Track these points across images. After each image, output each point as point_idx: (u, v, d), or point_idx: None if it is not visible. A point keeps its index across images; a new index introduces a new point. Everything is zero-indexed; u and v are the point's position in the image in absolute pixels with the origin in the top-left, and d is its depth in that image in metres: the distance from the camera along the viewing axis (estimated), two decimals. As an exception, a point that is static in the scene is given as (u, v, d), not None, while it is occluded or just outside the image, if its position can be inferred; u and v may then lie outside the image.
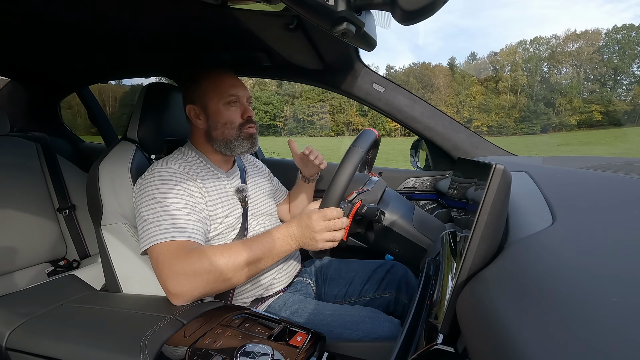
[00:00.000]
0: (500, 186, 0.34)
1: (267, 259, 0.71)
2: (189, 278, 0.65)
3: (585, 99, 52.11)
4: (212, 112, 0.85)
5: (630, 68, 49.18)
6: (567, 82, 54.60)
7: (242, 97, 0.87)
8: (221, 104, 0.84)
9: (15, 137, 1.39)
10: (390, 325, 0.76)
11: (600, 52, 57.06)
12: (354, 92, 1.18)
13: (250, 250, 0.69)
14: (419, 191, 1.29)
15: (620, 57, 53.43)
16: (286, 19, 0.73)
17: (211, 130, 0.86)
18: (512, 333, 0.23)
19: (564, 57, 60.54)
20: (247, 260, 0.68)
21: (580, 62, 58.08)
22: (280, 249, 0.71)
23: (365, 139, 0.75)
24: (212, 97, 0.84)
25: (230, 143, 0.86)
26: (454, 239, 0.51)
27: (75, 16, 0.82)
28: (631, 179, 0.50)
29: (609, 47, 56.31)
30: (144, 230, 0.71)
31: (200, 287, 0.66)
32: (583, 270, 0.26)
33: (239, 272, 0.68)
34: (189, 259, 0.66)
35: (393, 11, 0.42)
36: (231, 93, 0.85)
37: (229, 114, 0.85)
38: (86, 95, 1.83)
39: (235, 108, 0.86)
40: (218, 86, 0.85)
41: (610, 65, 54.76)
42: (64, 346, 0.61)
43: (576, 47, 60.78)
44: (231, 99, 0.85)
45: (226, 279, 0.67)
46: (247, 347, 0.55)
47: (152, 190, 0.74)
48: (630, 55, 52.91)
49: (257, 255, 0.69)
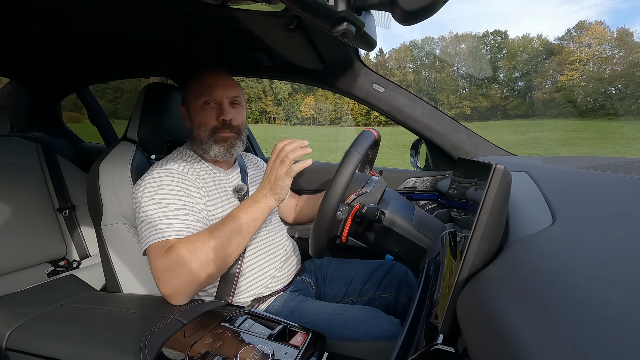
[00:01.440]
0: (501, 186, 0.34)
1: (245, 225, 0.73)
2: (174, 273, 0.66)
3: (460, 95, 57.60)
4: (192, 112, 0.85)
5: (496, 70, 51.82)
6: (446, 79, 58.98)
7: (220, 98, 0.83)
8: (198, 105, 0.84)
9: (15, 137, 1.39)
10: (390, 324, 0.76)
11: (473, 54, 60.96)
12: (354, 92, 1.18)
13: (223, 225, 0.72)
14: (419, 191, 1.28)
15: (490, 60, 57.31)
16: (286, 19, 0.73)
17: (192, 130, 0.87)
18: (512, 333, 0.23)
19: (445, 57, 63.86)
20: (227, 234, 0.71)
21: (457, 62, 63.42)
22: (256, 211, 0.75)
23: (364, 140, 0.75)
24: (192, 98, 0.85)
25: (202, 145, 0.84)
26: (454, 239, 0.51)
27: (75, 16, 0.82)
28: (631, 179, 0.51)
29: (478, 50, 59.82)
30: (142, 231, 0.72)
31: (190, 279, 0.67)
32: (583, 270, 0.26)
33: (222, 249, 0.70)
34: (168, 255, 0.67)
35: (393, 11, 0.42)
36: (206, 94, 0.83)
37: (203, 115, 0.83)
38: (86, 95, 1.83)
39: (211, 110, 0.83)
40: (197, 86, 0.84)
41: (478, 67, 58.43)
42: (64, 346, 0.61)
43: (458, 48, 66.14)
44: (205, 100, 0.83)
45: (210, 261, 0.69)
46: (248, 348, 0.55)
47: (151, 191, 0.74)
48: (493, 59, 56.44)
49: (235, 225, 0.72)
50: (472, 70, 63.03)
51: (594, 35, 28.27)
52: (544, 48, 32.54)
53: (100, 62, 1.30)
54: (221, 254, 0.70)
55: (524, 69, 27.82)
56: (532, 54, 29.71)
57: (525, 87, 25.62)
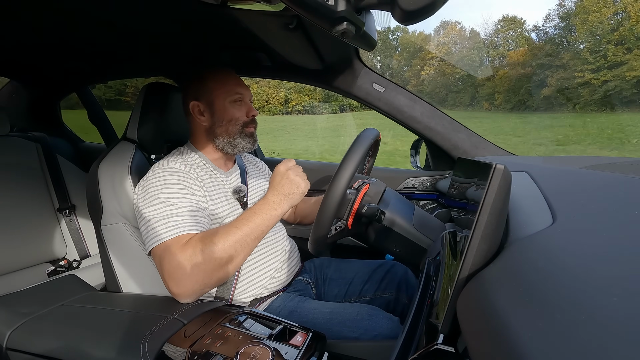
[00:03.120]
0: (501, 186, 0.34)
1: (258, 231, 0.74)
2: (187, 271, 0.66)
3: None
4: (218, 108, 0.86)
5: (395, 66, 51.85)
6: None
7: (246, 96, 0.89)
8: (227, 102, 0.86)
9: (15, 137, 1.39)
10: (389, 322, 0.76)
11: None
12: (354, 92, 1.18)
13: (237, 228, 0.72)
14: (419, 191, 1.28)
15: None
16: (286, 19, 0.73)
17: (215, 127, 0.87)
18: (512, 333, 0.23)
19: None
20: (241, 237, 0.71)
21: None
22: (270, 216, 0.75)
23: (367, 137, 0.75)
24: (218, 95, 0.86)
25: (234, 139, 0.87)
26: (454, 239, 0.51)
27: (75, 16, 0.82)
28: (631, 179, 0.50)
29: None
30: (150, 230, 0.71)
31: (202, 279, 0.67)
32: (583, 271, 0.26)
33: (236, 252, 0.70)
34: (183, 252, 0.67)
35: (393, 11, 0.42)
36: (237, 91, 0.87)
37: (234, 111, 0.87)
38: (86, 95, 1.83)
39: (240, 106, 0.88)
40: (225, 84, 0.87)
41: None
42: (64, 346, 0.61)
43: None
44: (237, 97, 0.87)
45: (224, 263, 0.69)
46: (248, 347, 0.55)
47: (155, 190, 0.74)
48: (391, 54, 55.88)
49: (249, 229, 0.72)
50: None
51: (450, 34, 30.08)
52: (419, 44, 33.79)
53: (100, 62, 1.30)
54: (233, 257, 0.70)
55: (407, 64, 29.69)
56: (411, 51, 30.90)
57: (402, 81, 27.64)
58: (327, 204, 0.70)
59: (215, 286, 0.73)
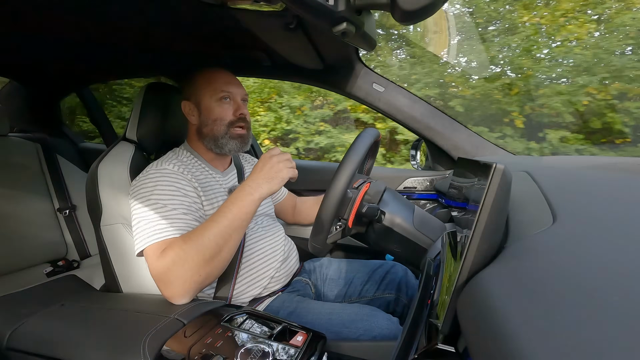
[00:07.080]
0: (501, 186, 0.34)
1: (238, 220, 0.71)
2: (173, 273, 0.66)
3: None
4: (204, 108, 0.85)
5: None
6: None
7: (235, 94, 0.87)
8: (213, 100, 0.85)
9: (15, 138, 1.39)
10: (388, 322, 0.76)
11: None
12: (354, 92, 1.18)
13: (215, 221, 0.69)
14: (419, 191, 1.28)
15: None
16: (286, 19, 0.73)
17: (202, 126, 0.86)
18: (512, 333, 0.23)
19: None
20: (220, 230, 0.68)
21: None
22: (247, 203, 0.71)
23: (367, 137, 0.75)
24: (205, 93, 0.85)
25: (218, 140, 0.85)
26: (454, 239, 0.51)
27: (75, 16, 0.82)
28: (631, 179, 0.50)
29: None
30: (138, 232, 0.71)
31: (188, 278, 0.66)
32: (584, 270, 0.26)
33: (217, 246, 0.68)
34: (164, 255, 0.66)
35: (393, 11, 0.42)
36: (224, 89, 0.85)
37: (220, 110, 0.85)
38: (86, 95, 1.83)
39: (227, 105, 0.86)
40: (211, 82, 0.85)
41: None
42: (64, 346, 0.61)
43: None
44: (223, 95, 0.85)
45: (207, 259, 0.67)
46: (248, 347, 0.55)
47: (146, 192, 0.74)
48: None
49: (228, 221, 0.69)
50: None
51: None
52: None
53: (100, 62, 1.30)
54: (217, 251, 0.69)
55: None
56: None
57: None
58: (328, 203, 0.70)
59: (210, 282, 0.71)
